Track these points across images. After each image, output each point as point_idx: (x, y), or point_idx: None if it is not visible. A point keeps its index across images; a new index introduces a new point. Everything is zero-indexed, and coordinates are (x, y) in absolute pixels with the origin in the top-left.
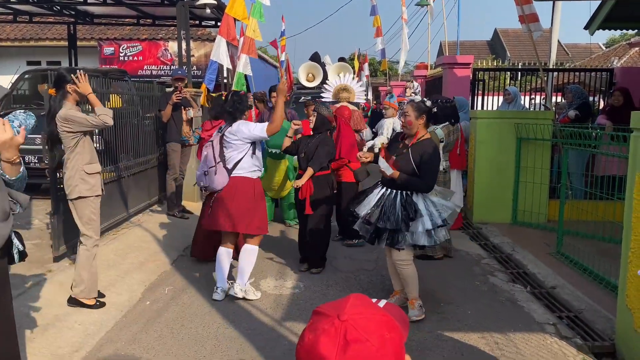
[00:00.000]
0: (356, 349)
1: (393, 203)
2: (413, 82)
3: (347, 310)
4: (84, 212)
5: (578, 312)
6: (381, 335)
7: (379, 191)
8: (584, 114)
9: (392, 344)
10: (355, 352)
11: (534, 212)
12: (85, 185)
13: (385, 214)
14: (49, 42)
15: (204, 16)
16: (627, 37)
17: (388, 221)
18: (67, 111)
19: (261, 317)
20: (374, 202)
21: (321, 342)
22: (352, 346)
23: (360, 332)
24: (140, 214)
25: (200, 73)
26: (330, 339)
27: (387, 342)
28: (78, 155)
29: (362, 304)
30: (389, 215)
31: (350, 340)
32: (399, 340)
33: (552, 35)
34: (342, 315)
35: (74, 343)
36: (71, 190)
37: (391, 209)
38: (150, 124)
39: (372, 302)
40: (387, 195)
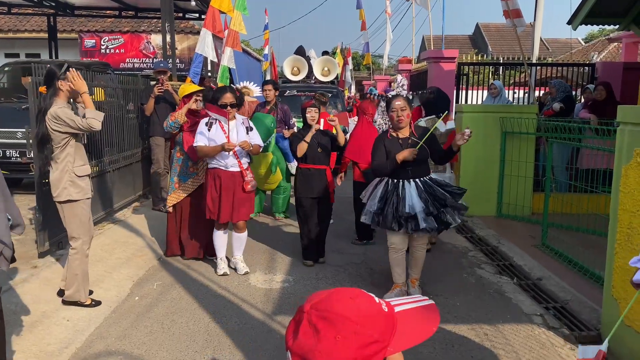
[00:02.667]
0: (301, 342)
1: (434, 187)
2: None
3: (312, 303)
4: (74, 216)
5: (564, 303)
6: (330, 338)
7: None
8: (567, 107)
9: (343, 350)
10: (301, 344)
11: (519, 205)
12: (75, 189)
13: (440, 197)
14: (27, 34)
15: (187, 8)
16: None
17: (447, 201)
18: (57, 109)
19: (252, 311)
20: (414, 195)
21: (290, 325)
22: (299, 338)
23: (311, 327)
24: (126, 208)
25: (183, 66)
26: (293, 325)
27: (336, 346)
28: (69, 157)
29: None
30: (446, 195)
31: (300, 332)
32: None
33: (535, 31)
34: (305, 306)
35: (63, 339)
36: (59, 192)
37: (438, 192)
38: (134, 117)
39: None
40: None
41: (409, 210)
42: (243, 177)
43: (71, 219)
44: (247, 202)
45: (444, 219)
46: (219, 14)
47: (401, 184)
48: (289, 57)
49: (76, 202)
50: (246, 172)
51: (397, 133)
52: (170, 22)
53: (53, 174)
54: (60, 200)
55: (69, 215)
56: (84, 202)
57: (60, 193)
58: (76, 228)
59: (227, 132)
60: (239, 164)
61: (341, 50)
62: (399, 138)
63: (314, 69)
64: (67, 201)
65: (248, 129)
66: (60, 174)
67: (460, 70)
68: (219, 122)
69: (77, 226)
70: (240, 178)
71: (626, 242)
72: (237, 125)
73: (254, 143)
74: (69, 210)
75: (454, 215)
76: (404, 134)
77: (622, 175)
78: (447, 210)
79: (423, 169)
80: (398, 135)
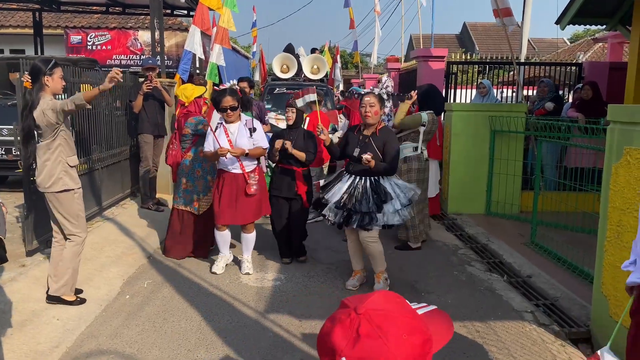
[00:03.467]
0: (366, 344)
1: (364, 188)
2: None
3: (366, 305)
4: (71, 207)
5: (554, 299)
6: (398, 336)
7: (347, 179)
8: (558, 106)
9: (410, 348)
10: (365, 347)
11: (507, 203)
12: (70, 178)
13: (357, 199)
14: (12, 29)
15: (176, 5)
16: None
17: (361, 205)
18: (49, 102)
19: (244, 309)
20: (344, 189)
21: (335, 331)
22: (362, 340)
23: (374, 328)
24: (114, 206)
25: (171, 63)
26: (344, 329)
27: (404, 344)
28: (61, 147)
29: (387, 301)
30: (361, 200)
31: (362, 335)
32: (420, 346)
33: (523, 30)
34: (360, 308)
35: (54, 339)
36: (53, 182)
37: (363, 194)
38: (122, 114)
39: (404, 303)
40: (357, 182)
41: (327, 197)
42: (246, 180)
43: (66, 208)
44: (253, 205)
45: (351, 219)
46: (208, 11)
47: (344, 176)
48: (278, 55)
49: (72, 191)
50: (250, 174)
51: (365, 129)
52: (159, 18)
53: (45, 165)
54: (56, 190)
55: (65, 205)
56: (78, 191)
57: (55, 183)
58: (74, 220)
59: (229, 135)
60: (240, 166)
61: (330, 48)
62: (361, 133)
63: (304, 67)
64: (63, 191)
65: (251, 131)
66: (53, 164)
67: (449, 69)
68: (223, 124)
69: (75, 218)
70: (243, 180)
71: (616, 239)
72: (239, 128)
73: (257, 145)
74: (64, 200)
75: (358, 220)
76: (367, 131)
77: (612, 173)
78: (355, 214)
79: (369, 170)
80: (362, 131)
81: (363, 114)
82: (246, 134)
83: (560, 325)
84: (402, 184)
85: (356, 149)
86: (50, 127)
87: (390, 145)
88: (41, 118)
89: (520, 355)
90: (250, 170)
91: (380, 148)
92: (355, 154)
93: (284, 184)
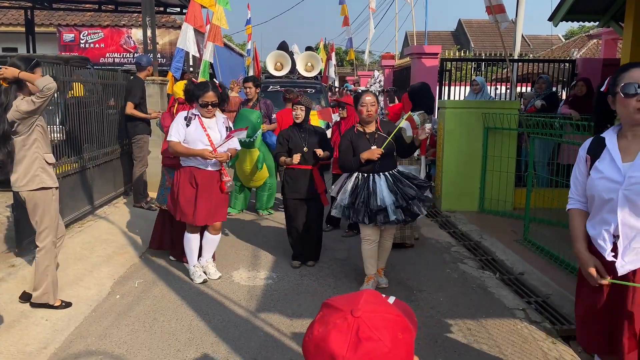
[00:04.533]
0: (368, 348)
1: (402, 180)
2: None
3: (360, 306)
4: (49, 206)
5: (546, 297)
6: (395, 336)
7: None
8: (550, 103)
9: (405, 345)
10: (367, 351)
11: (500, 200)
12: (47, 175)
13: (403, 192)
14: (4, 27)
15: (169, 2)
16: (585, 29)
17: (414, 192)
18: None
19: (235, 308)
20: (384, 189)
21: (332, 336)
22: (364, 344)
23: (373, 330)
24: (106, 205)
25: (164, 61)
26: (342, 334)
27: (400, 343)
28: (37, 143)
29: (376, 301)
30: (412, 186)
31: (363, 338)
32: (411, 341)
33: (517, 27)
34: (356, 311)
35: (42, 339)
36: (29, 180)
37: (406, 186)
38: (114, 113)
39: (384, 299)
40: (390, 178)
41: (380, 203)
42: (221, 177)
43: (42, 209)
44: (225, 203)
45: (412, 210)
46: (201, 9)
47: (371, 178)
48: (272, 53)
49: (49, 189)
50: (224, 171)
51: (364, 128)
52: (151, 16)
53: (21, 162)
54: (32, 188)
55: (40, 205)
56: (54, 191)
57: (31, 180)
58: (46, 221)
59: (206, 130)
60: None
61: (324, 45)
62: (365, 133)
63: (297, 65)
64: (39, 189)
65: (227, 130)
66: (30, 160)
67: (443, 66)
68: (199, 117)
69: (48, 219)
70: (218, 178)
71: None
72: (218, 124)
73: (231, 147)
74: (41, 199)
75: (420, 207)
76: (370, 128)
77: None
78: (414, 202)
79: (390, 163)
80: (365, 130)
81: (365, 114)
82: (224, 132)
83: (552, 322)
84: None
85: (372, 147)
86: (25, 122)
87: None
88: (13, 114)
89: (511, 353)
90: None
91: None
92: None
93: (300, 185)
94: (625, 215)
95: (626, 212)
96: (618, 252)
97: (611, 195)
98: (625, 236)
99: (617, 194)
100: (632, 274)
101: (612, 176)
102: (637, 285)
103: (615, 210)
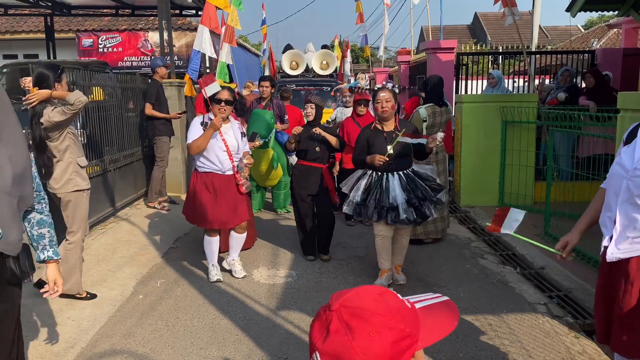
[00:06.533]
0: (335, 341)
1: (416, 180)
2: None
3: (340, 301)
4: (80, 207)
5: (568, 291)
6: (366, 334)
7: (392, 178)
8: (573, 95)
9: (378, 346)
10: (333, 344)
11: (520, 195)
12: (81, 179)
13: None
14: (25, 34)
15: (184, 5)
16: (605, 18)
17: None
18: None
19: (256, 307)
20: (397, 188)
21: (314, 325)
22: (332, 337)
23: (343, 325)
24: (128, 207)
25: (182, 63)
26: (320, 325)
27: (371, 342)
28: (70, 148)
29: (364, 298)
30: (426, 188)
31: (331, 331)
32: (392, 343)
33: (534, 19)
34: (333, 305)
35: (69, 339)
36: (65, 183)
37: (419, 186)
38: (134, 116)
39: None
40: (404, 177)
41: (392, 201)
42: (237, 180)
43: (76, 210)
44: (243, 202)
45: (423, 211)
46: (215, 10)
47: (385, 177)
48: (287, 52)
49: (82, 191)
50: (237, 176)
51: (382, 125)
52: (167, 19)
53: (57, 167)
54: (68, 191)
55: (74, 207)
56: (87, 192)
57: (66, 184)
58: (78, 220)
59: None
60: (233, 167)
61: (339, 43)
62: (383, 131)
63: (313, 63)
64: (74, 192)
65: (242, 134)
66: (64, 165)
67: (459, 61)
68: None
69: (79, 218)
70: (234, 181)
71: None
72: (233, 129)
73: (244, 150)
74: (75, 201)
75: (431, 209)
76: (388, 127)
77: None
78: (425, 203)
79: (406, 162)
80: (383, 128)
81: (380, 110)
82: (238, 136)
83: (574, 316)
84: (425, 167)
85: (388, 146)
86: (57, 129)
87: (417, 131)
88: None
89: (533, 348)
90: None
91: (410, 137)
92: (390, 151)
93: (308, 182)
94: (624, 204)
95: (625, 201)
96: (612, 239)
97: (618, 182)
98: (622, 224)
99: (622, 182)
100: (625, 263)
101: (624, 163)
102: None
103: (618, 197)
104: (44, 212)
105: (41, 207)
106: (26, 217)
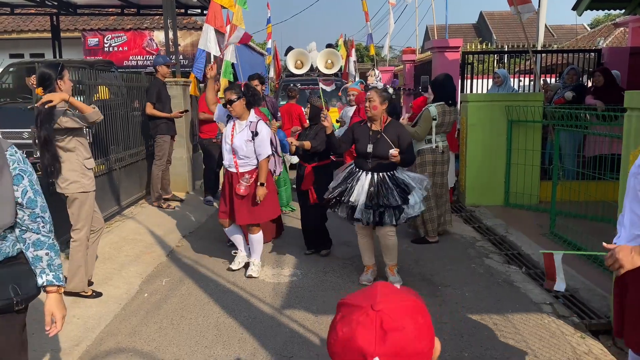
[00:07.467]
0: (395, 338)
1: (386, 184)
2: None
3: (379, 300)
4: (85, 205)
5: (573, 291)
6: (416, 321)
7: (365, 176)
8: (578, 94)
9: (427, 328)
10: (395, 341)
11: (526, 194)
12: (87, 180)
13: (384, 195)
14: (31, 34)
15: (189, 4)
16: (611, 17)
17: (389, 200)
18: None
19: (261, 305)
20: (366, 187)
21: (358, 334)
22: (390, 335)
23: (396, 320)
24: (133, 206)
25: (187, 62)
26: (367, 330)
27: (423, 327)
28: (77, 150)
29: (391, 292)
30: (388, 195)
31: (388, 330)
32: (430, 323)
33: (540, 17)
34: (376, 305)
35: (74, 337)
36: (70, 184)
37: (388, 190)
38: (139, 115)
39: (396, 288)
40: (376, 178)
41: (352, 199)
42: (238, 179)
43: (80, 207)
44: (245, 206)
45: (382, 217)
46: (220, 9)
47: (359, 174)
48: (292, 51)
49: (87, 193)
50: (244, 175)
51: (371, 124)
52: (172, 18)
53: (63, 167)
54: (73, 192)
55: (80, 204)
56: (92, 194)
57: (72, 185)
58: (82, 220)
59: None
60: (235, 165)
61: (344, 42)
62: (370, 129)
63: (318, 62)
64: (79, 193)
65: (254, 134)
66: (71, 166)
67: (464, 60)
68: (233, 119)
69: (84, 218)
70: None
71: None
72: (244, 127)
73: (258, 153)
74: (80, 201)
75: (392, 217)
76: (375, 126)
77: (630, 161)
78: (388, 210)
79: (385, 165)
80: (371, 127)
81: (365, 109)
82: (246, 136)
83: (580, 316)
84: (413, 175)
85: (369, 145)
86: (66, 132)
87: (403, 138)
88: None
89: (538, 348)
90: (246, 170)
91: (395, 141)
92: (369, 150)
93: (299, 179)
94: (632, 202)
95: (633, 199)
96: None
97: (630, 180)
98: (630, 221)
99: (630, 180)
100: None
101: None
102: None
103: (630, 195)
104: (41, 232)
105: (37, 226)
106: (20, 238)
